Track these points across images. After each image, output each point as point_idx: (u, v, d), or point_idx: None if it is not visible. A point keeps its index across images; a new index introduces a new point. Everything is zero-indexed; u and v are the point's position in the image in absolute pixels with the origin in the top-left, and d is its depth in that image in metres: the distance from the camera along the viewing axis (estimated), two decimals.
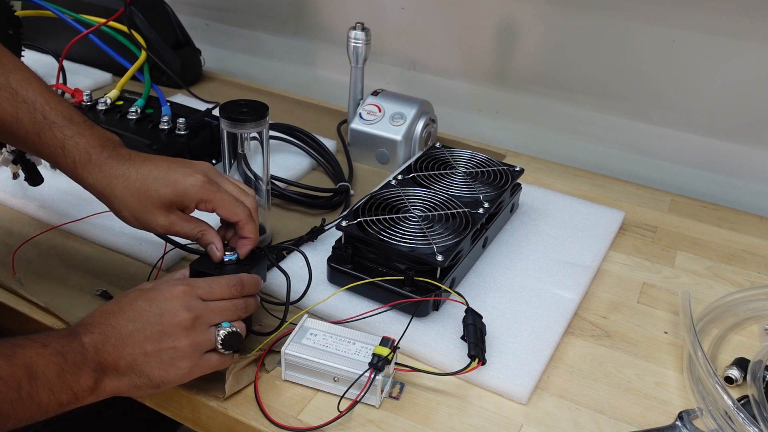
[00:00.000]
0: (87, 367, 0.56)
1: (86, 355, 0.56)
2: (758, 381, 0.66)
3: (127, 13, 1.18)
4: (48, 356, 0.54)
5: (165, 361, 0.59)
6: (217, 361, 0.62)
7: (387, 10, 1.27)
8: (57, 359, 0.54)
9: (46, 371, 0.53)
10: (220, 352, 0.62)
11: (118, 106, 1.00)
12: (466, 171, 0.92)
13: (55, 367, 0.54)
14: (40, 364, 0.53)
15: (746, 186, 1.10)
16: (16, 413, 0.51)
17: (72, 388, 0.55)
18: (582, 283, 0.82)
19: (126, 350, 0.58)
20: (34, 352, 0.53)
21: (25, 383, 0.52)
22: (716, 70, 1.05)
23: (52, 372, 0.53)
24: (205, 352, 0.61)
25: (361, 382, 0.63)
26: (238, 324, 0.63)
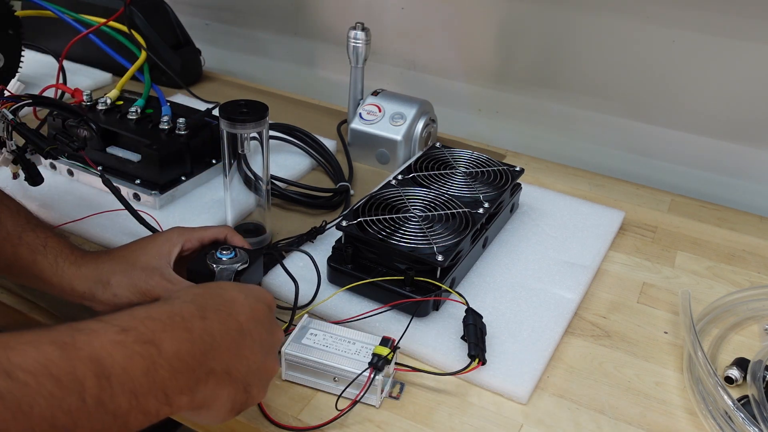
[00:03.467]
0: (198, 358, 0.44)
1: (199, 343, 0.45)
2: (758, 381, 0.66)
3: (127, 13, 1.18)
4: (130, 345, 0.41)
5: (264, 380, 0.53)
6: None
7: (387, 10, 1.27)
8: (145, 350, 0.41)
9: (127, 367, 0.40)
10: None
11: (118, 106, 1.00)
12: (466, 171, 0.92)
13: (142, 360, 0.41)
14: (117, 357, 0.39)
15: (746, 186, 1.10)
16: (81, 426, 0.37)
17: (165, 390, 0.42)
18: (582, 283, 0.82)
19: (249, 354, 0.49)
20: (107, 340, 0.40)
21: (92, 384, 0.38)
22: (716, 70, 1.05)
23: (138, 367, 0.40)
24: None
25: (360, 381, 0.63)
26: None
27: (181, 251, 0.69)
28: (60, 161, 0.95)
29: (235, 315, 0.50)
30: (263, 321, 0.53)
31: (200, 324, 0.46)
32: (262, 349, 0.52)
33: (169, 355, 0.43)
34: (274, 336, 0.55)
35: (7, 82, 1.03)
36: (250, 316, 0.52)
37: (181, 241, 0.69)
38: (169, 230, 0.71)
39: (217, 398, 0.47)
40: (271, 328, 0.55)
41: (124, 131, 0.94)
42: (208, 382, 0.46)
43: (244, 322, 0.51)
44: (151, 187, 0.91)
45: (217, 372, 0.47)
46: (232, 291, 0.53)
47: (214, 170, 0.99)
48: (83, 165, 0.92)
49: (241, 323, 0.50)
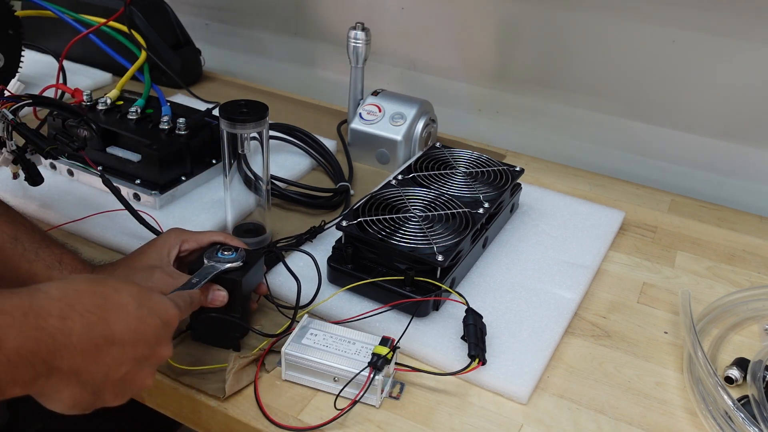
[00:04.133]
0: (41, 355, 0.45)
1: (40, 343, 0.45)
2: (758, 381, 0.66)
3: (127, 13, 1.18)
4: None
5: (126, 390, 0.52)
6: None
7: (387, 10, 1.27)
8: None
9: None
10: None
11: (118, 106, 1.00)
12: (466, 171, 0.92)
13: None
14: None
15: (746, 186, 1.10)
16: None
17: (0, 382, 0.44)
18: (582, 283, 0.82)
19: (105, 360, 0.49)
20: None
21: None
22: (716, 70, 1.05)
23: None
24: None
25: (360, 381, 0.63)
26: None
27: (180, 252, 0.70)
28: (60, 161, 0.95)
29: (110, 322, 0.49)
30: (146, 335, 0.52)
31: (56, 323, 0.46)
32: (134, 362, 0.51)
33: (9, 350, 0.43)
34: (157, 352, 0.53)
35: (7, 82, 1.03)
36: (131, 328, 0.50)
37: (179, 242, 0.70)
38: (167, 232, 0.72)
39: (56, 393, 0.48)
40: (156, 344, 0.53)
41: (124, 131, 0.94)
42: (50, 378, 0.46)
43: (117, 331, 0.49)
44: (151, 187, 0.91)
45: (63, 371, 0.47)
46: (122, 297, 0.51)
47: (214, 170, 0.99)
48: (83, 165, 0.92)
49: (113, 332, 0.49)
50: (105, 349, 0.49)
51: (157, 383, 0.67)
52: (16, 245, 0.67)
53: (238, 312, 0.68)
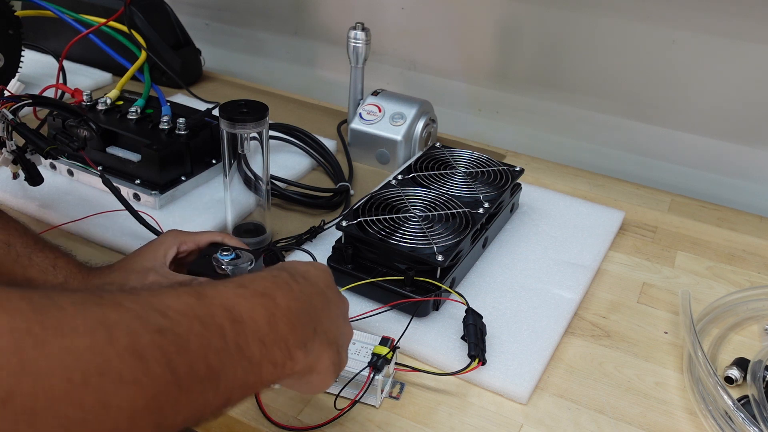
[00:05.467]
0: (305, 316, 0.46)
1: (302, 302, 0.46)
2: (758, 381, 0.66)
3: (127, 13, 1.18)
4: (250, 298, 0.43)
5: (347, 344, 0.54)
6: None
7: (387, 10, 1.27)
8: (264, 302, 0.43)
9: (253, 315, 0.42)
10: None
11: (118, 106, 1.00)
12: (466, 171, 0.92)
13: (264, 311, 0.43)
14: (244, 307, 0.42)
15: (746, 186, 1.10)
16: (227, 369, 0.39)
17: (287, 343, 0.44)
18: (582, 283, 0.82)
19: (335, 318, 0.50)
20: (231, 293, 0.42)
21: (230, 329, 0.40)
22: (716, 70, 1.05)
23: (261, 317, 0.42)
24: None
25: (360, 381, 0.63)
26: None
27: (178, 253, 0.70)
28: (60, 161, 0.95)
29: (316, 281, 0.51)
30: (334, 288, 0.54)
31: (297, 286, 0.47)
32: (341, 314, 0.53)
33: (283, 309, 0.44)
34: (345, 302, 0.55)
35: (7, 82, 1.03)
36: (326, 284, 0.52)
37: (176, 243, 0.70)
38: (165, 233, 0.72)
39: (322, 359, 0.48)
40: (340, 295, 0.55)
41: (124, 131, 0.94)
42: (315, 341, 0.47)
43: (324, 288, 0.51)
44: (151, 187, 0.91)
45: (318, 332, 0.47)
46: (301, 264, 0.53)
47: (214, 170, 0.99)
48: (83, 165, 0.92)
49: (322, 289, 0.51)
50: (327, 306, 0.50)
51: None
52: (9, 250, 0.66)
53: None
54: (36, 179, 0.81)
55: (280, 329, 0.43)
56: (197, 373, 0.37)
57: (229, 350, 0.39)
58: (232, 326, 0.40)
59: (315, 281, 0.51)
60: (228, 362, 0.39)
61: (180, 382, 0.35)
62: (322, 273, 0.53)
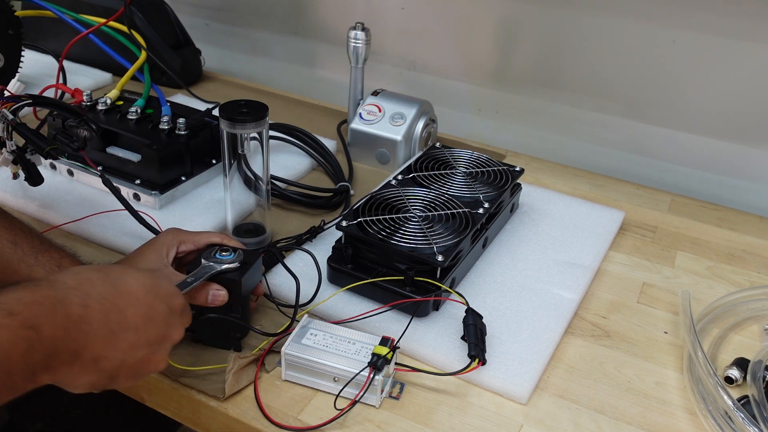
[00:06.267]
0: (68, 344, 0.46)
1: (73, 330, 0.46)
2: (758, 381, 0.66)
3: (127, 13, 1.18)
4: (15, 329, 0.43)
5: (139, 373, 0.54)
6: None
7: (387, 10, 1.27)
8: (28, 335, 0.43)
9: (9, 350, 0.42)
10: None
11: (118, 106, 1.00)
12: (466, 171, 0.92)
13: (24, 344, 0.43)
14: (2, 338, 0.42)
15: (746, 186, 1.10)
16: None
17: (34, 369, 0.44)
18: (582, 283, 0.82)
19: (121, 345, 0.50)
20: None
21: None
22: (716, 70, 1.05)
23: (18, 350, 0.43)
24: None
25: (360, 381, 0.63)
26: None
27: (177, 253, 0.70)
28: (60, 161, 0.95)
29: (123, 308, 0.50)
30: (157, 319, 0.53)
31: (79, 311, 0.47)
32: (147, 346, 0.52)
33: (46, 340, 0.44)
34: (168, 335, 0.55)
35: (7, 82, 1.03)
36: (140, 313, 0.52)
37: (176, 242, 0.70)
38: (165, 232, 0.72)
39: (75, 380, 0.49)
40: (167, 327, 0.54)
41: (124, 131, 0.94)
42: (72, 366, 0.47)
43: (130, 317, 0.51)
44: (151, 187, 0.91)
45: (85, 359, 0.47)
46: (131, 283, 0.52)
47: (214, 170, 0.99)
48: (83, 165, 0.93)
49: (126, 318, 0.50)
50: (121, 335, 0.50)
51: (157, 383, 0.67)
52: (15, 250, 0.67)
53: (237, 312, 0.68)
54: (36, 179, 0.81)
55: (33, 359, 0.43)
56: None
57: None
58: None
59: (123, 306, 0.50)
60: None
61: None
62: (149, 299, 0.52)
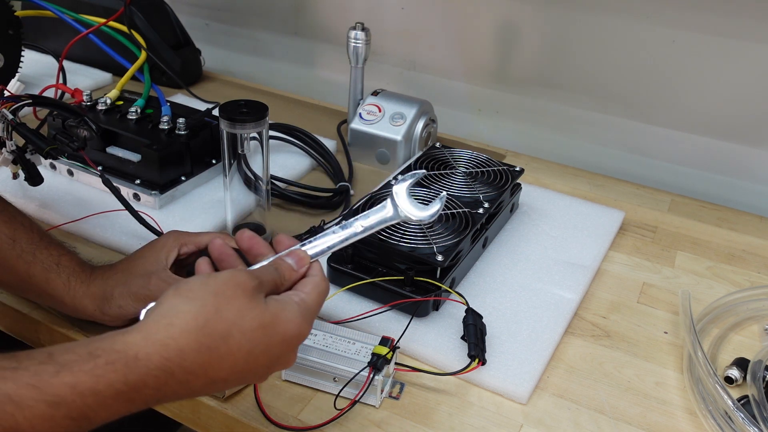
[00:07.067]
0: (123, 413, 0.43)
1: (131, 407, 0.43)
2: (758, 381, 0.66)
3: (127, 13, 1.18)
4: (59, 421, 0.39)
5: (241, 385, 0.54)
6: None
7: (387, 10, 1.27)
8: (74, 425, 0.40)
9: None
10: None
11: (118, 106, 1.00)
12: (466, 171, 0.92)
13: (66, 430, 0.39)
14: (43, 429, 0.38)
15: (746, 186, 1.10)
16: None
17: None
18: (582, 283, 0.82)
19: (215, 386, 0.47)
20: (35, 413, 0.38)
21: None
22: (716, 70, 1.05)
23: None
24: None
25: (360, 381, 0.63)
26: None
27: (179, 255, 0.69)
28: (60, 161, 0.95)
29: (211, 374, 0.46)
30: (257, 368, 0.49)
31: (151, 393, 0.43)
32: (238, 382, 0.49)
33: (98, 421, 0.41)
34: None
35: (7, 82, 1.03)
36: (237, 370, 0.47)
37: (177, 245, 0.69)
38: (165, 235, 0.72)
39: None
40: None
41: (124, 131, 0.94)
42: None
43: (219, 378, 0.47)
44: (151, 187, 0.91)
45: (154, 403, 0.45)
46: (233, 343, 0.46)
47: (214, 170, 0.99)
48: (83, 165, 0.92)
49: (213, 378, 0.46)
50: (211, 385, 0.47)
51: None
52: (14, 246, 0.66)
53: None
54: (36, 179, 0.81)
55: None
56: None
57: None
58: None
59: (212, 373, 0.46)
60: None
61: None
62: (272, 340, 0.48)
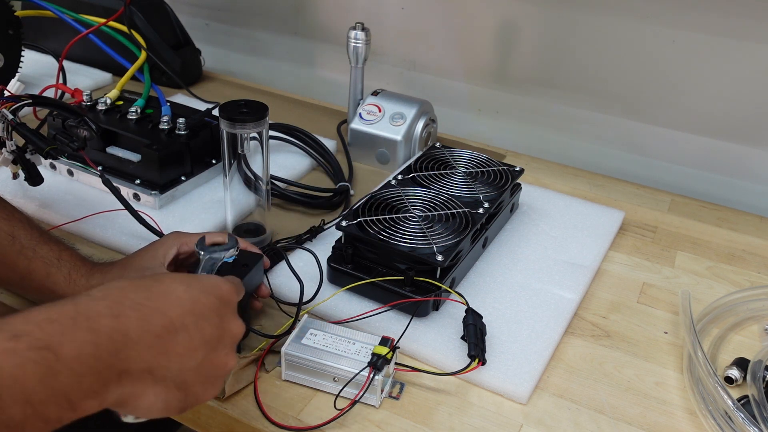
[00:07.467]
0: (105, 360, 0.42)
1: (105, 344, 0.42)
2: (758, 381, 0.66)
3: (127, 13, 1.18)
4: (23, 352, 0.38)
5: (212, 377, 0.50)
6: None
7: (387, 10, 1.27)
8: (41, 356, 0.39)
9: (18, 376, 0.38)
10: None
11: (118, 106, 1.00)
12: (466, 171, 0.92)
13: (37, 367, 0.38)
14: (5, 366, 0.37)
15: (746, 186, 1.10)
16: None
17: (67, 396, 0.40)
18: (582, 283, 0.82)
19: (175, 349, 0.46)
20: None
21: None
22: (716, 70, 1.05)
23: (31, 375, 0.38)
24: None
25: (360, 381, 0.63)
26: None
27: (178, 254, 0.69)
28: (60, 161, 0.95)
29: (164, 310, 0.47)
30: (207, 315, 0.50)
31: (109, 323, 0.43)
32: (205, 345, 0.49)
33: (69, 359, 0.40)
34: (226, 330, 0.51)
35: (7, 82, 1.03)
36: (187, 310, 0.48)
37: (177, 244, 0.69)
38: (167, 235, 0.72)
39: (140, 397, 0.45)
40: (222, 321, 0.51)
41: (124, 131, 0.94)
42: (121, 383, 0.43)
43: (176, 317, 0.47)
44: (151, 187, 0.91)
45: (133, 372, 0.44)
46: (168, 283, 0.49)
47: (214, 170, 0.99)
48: (83, 165, 0.93)
49: (171, 318, 0.47)
50: (169, 338, 0.46)
51: None
52: (14, 242, 0.66)
53: (239, 313, 0.68)
54: (36, 179, 0.81)
55: (59, 384, 0.39)
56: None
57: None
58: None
59: (164, 307, 0.47)
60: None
61: None
62: (193, 294, 0.49)
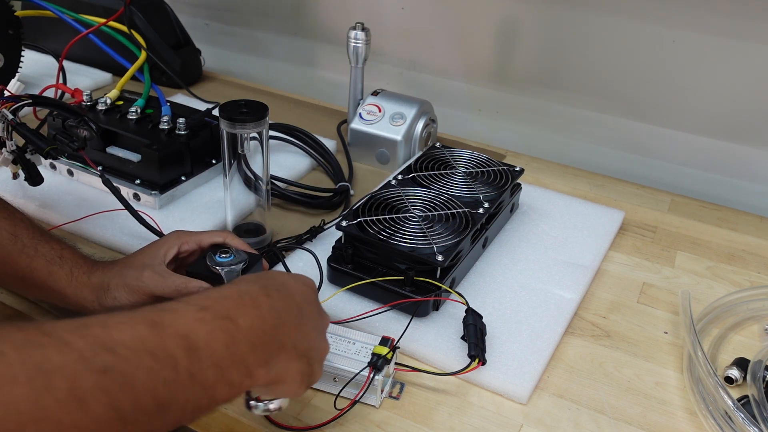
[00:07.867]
0: (270, 333, 0.47)
1: (269, 319, 0.48)
2: (758, 381, 0.66)
3: (127, 13, 1.18)
4: (211, 321, 0.44)
5: (321, 358, 0.55)
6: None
7: (387, 10, 1.27)
8: (225, 325, 0.44)
9: (210, 341, 0.42)
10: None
11: (118, 106, 1.00)
12: (466, 171, 0.92)
13: (224, 334, 0.44)
14: (200, 332, 0.42)
15: (746, 186, 1.10)
16: (177, 398, 0.40)
17: (246, 363, 0.45)
18: (582, 283, 0.82)
19: (308, 332, 0.52)
20: (191, 317, 0.43)
21: (183, 357, 0.41)
22: (716, 70, 1.05)
23: (219, 341, 0.43)
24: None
25: (360, 381, 0.63)
26: None
27: (179, 253, 0.70)
28: (60, 161, 0.95)
29: (292, 295, 0.52)
30: (313, 303, 0.56)
31: (266, 301, 0.49)
32: (316, 329, 0.54)
33: (246, 330, 0.45)
34: (323, 317, 0.57)
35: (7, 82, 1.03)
36: (303, 297, 0.54)
37: (178, 243, 0.70)
38: (169, 234, 0.72)
39: (289, 372, 0.49)
40: (320, 309, 0.57)
41: (124, 131, 0.94)
42: (280, 357, 0.48)
43: (300, 302, 0.53)
44: (151, 187, 0.91)
45: (287, 347, 0.49)
46: (282, 276, 0.55)
47: (214, 170, 0.99)
48: (83, 165, 0.93)
49: (298, 303, 0.52)
50: (301, 320, 0.52)
51: None
52: (16, 241, 0.67)
53: None
54: (36, 179, 0.81)
55: (239, 351, 0.44)
56: (143, 407, 0.38)
57: (180, 380, 0.40)
58: (186, 354, 0.41)
59: (291, 294, 0.52)
60: (178, 391, 0.40)
61: (124, 417, 0.37)
62: (301, 286, 0.55)
